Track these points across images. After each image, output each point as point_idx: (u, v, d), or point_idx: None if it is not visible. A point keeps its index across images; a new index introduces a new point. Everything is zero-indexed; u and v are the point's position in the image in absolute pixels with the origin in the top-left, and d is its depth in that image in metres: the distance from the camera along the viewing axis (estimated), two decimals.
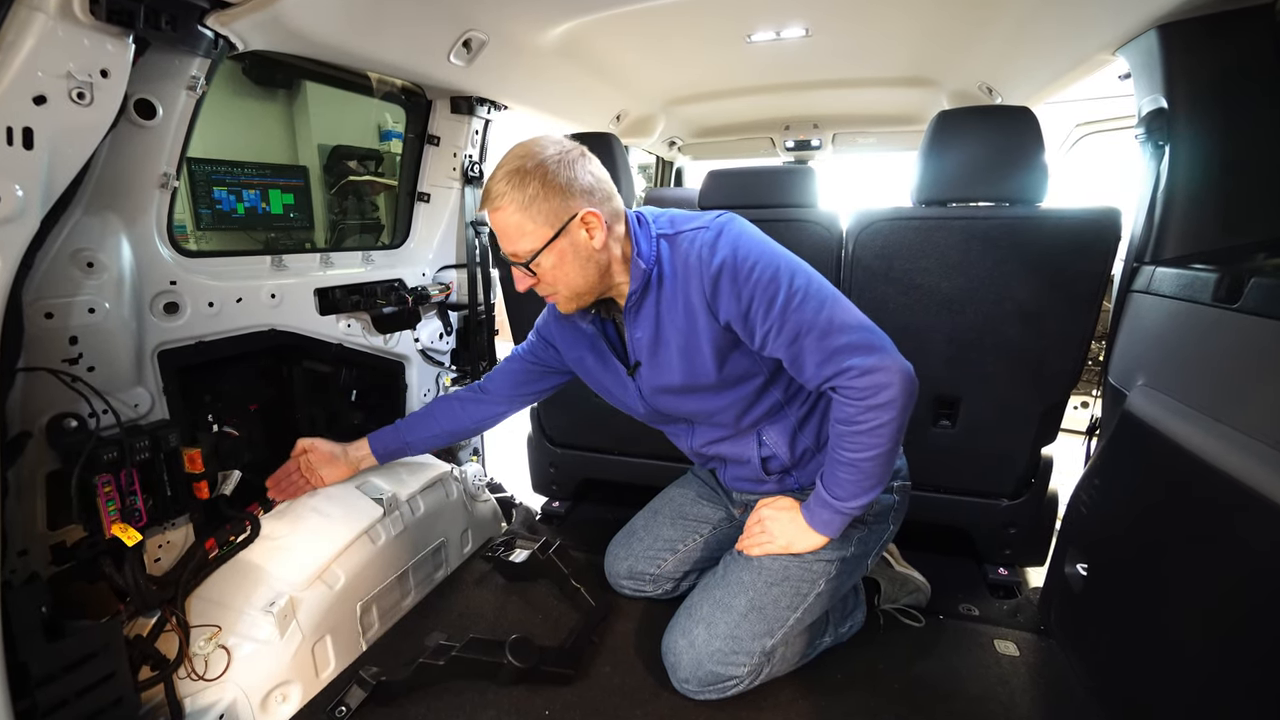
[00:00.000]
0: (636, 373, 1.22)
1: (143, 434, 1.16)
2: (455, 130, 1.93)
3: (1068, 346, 1.36)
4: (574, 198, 1.04)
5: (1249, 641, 0.83)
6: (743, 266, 1.03)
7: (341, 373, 1.86)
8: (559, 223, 1.04)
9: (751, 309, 1.04)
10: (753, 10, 1.54)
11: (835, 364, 1.03)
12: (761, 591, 1.18)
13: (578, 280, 1.09)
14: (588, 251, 1.07)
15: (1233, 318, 0.93)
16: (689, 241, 1.09)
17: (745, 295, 1.04)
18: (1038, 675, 1.28)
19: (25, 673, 0.91)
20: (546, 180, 1.02)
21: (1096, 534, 1.26)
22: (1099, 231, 1.25)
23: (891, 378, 1.02)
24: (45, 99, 0.88)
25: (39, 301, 1.02)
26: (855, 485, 1.10)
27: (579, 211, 1.04)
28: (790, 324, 1.03)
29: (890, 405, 1.02)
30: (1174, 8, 1.11)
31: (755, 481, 1.30)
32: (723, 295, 1.05)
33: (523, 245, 1.05)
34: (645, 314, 1.15)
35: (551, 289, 1.11)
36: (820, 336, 1.03)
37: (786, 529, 1.20)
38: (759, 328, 1.05)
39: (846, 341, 1.02)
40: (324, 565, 1.29)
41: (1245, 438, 0.85)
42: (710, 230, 1.08)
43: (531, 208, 1.02)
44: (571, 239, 1.05)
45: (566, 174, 1.03)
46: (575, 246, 1.06)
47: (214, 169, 1.56)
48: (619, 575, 1.50)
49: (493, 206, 1.04)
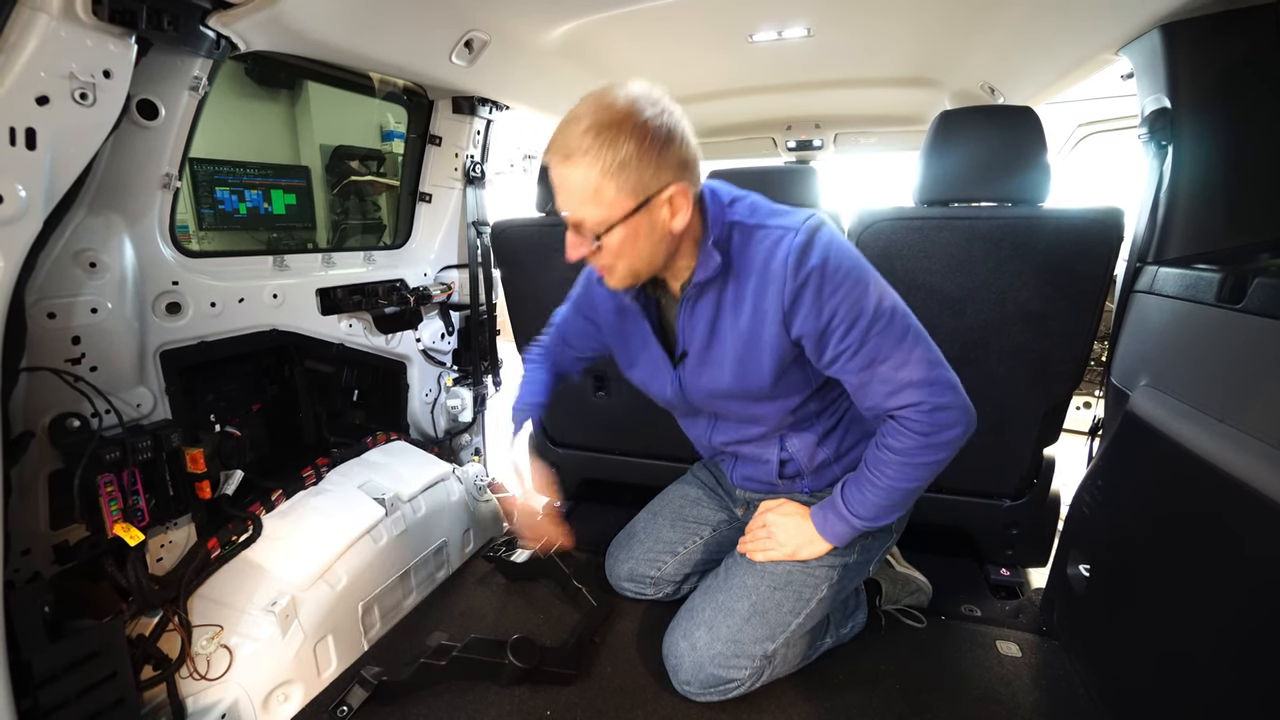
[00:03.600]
0: (681, 364, 1.13)
1: (145, 434, 1.16)
2: (457, 130, 1.93)
3: (1070, 347, 1.35)
4: (666, 170, 0.89)
5: (1251, 642, 0.83)
6: (831, 279, 0.94)
7: (343, 373, 1.87)
8: (644, 196, 0.89)
9: (831, 326, 0.96)
10: (754, 10, 1.54)
11: (906, 397, 0.98)
12: (764, 596, 1.17)
13: (643, 261, 0.96)
14: (664, 231, 0.94)
15: (1236, 318, 0.93)
16: (774, 241, 0.97)
17: (828, 310, 0.95)
18: (1040, 676, 1.28)
19: (28, 672, 0.91)
20: (643, 145, 0.85)
21: (1099, 535, 1.26)
22: (1102, 232, 1.24)
23: (958, 419, 0.99)
24: (48, 99, 0.88)
25: (42, 302, 1.03)
26: (880, 508, 1.09)
27: (669, 187, 0.90)
28: (869, 348, 0.96)
29: (949, 445, 1.01)
30: (1177, 7, 1.11)
31: (766, 483, 1.28)
32: (803, 307, 0.96)
33: (594, 213, 0.90)
34: (704, 305, 1.05)
35: (609, 264, 0.97)
36: (896, 366, 0.97)
37: (793, 536, 1.18)
38: (833, 346, 0.98)
39: (922, 376, 0.97)
40: (326, 565, 1.29)
41: (1248, 438, 0.85)
42: (800, 234, 0.95)
43: (619, 174, 0.86)
44: (651, 216, 0.91)
45: (664, 140, 0.87)
46: (653, 225, 0.92)
47: (216, 169, 1.56)
48: (620, 577, 1.49)
49: (567, 159, 0.87)
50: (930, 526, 1.61)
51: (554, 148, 0.90)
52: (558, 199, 0.94)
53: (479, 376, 2.13)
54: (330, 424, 1.84)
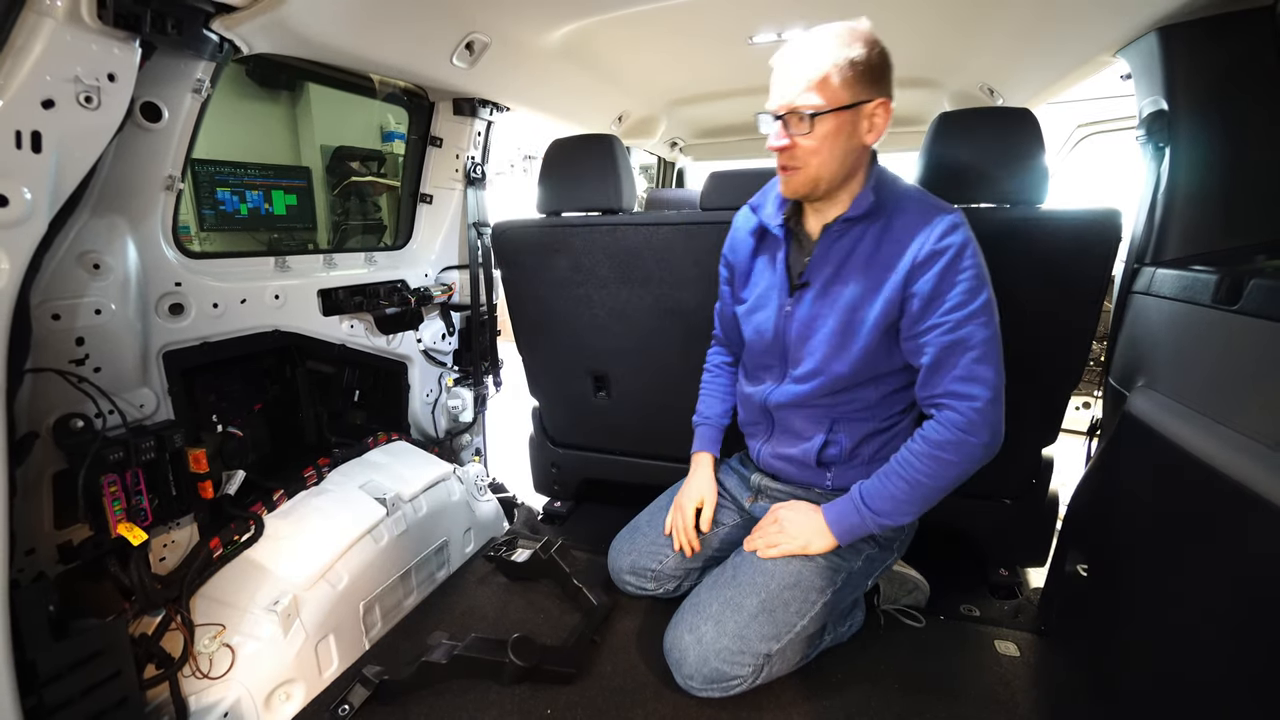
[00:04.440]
0: (798, 293, 1.20)
1: (148, 434, 1.17)
2: (457, 132, 1.93)
3: (1068, 347, 1.36)
4: (882, 86, 1.03)
5: (1249, 642, 0.83)
6: (964, 259, 1.05)
7: (344, 373, 1.87)
8: (858, 97, 1.01)
9: (945, 296, 1.06)
10: (754, 12, 1.54)
11: (970, 388, 1.07)
12: (774, 594, 1.18)
13: (830, 164, 1.07)
14: (859, 142, 1.06)
15: (1233, 319, 0.94)
16: (928, 209, 1.09)
17: (948, 282, 1.05)
18: (1038, 676, 1.28)
19: (32, 670, 0.91)
20: (872, 56, 1.01)
21: (1097, 535, 1.26)
22: (1100, 233, 1.25)
23: (994, 430, 1.08)
24: (53, 103, 0.88)
25: (46, 303, 1.03)
26: (899, 504, 1.13)
27: (879, 99, 1.03)
28: (964, 331, 1.06)
29: (977, 448, 1.08)
30: (1174, 9, 1.11)
31: (797, 464, 1.30)
32: (931, 269, 1.05)
33: (814, 99, 1.01)
34: (843, 243, 1.14)
35: (800, 162, 1.07)
36: (976, 360, 1.06)
37: (805, 529, 1.21)
38: (936, 315, 1.07)
39: (990, 377, 1.07)
40: (327, 565, 1.30)
41: (1245, 439, 0.86)
42: (953, 215, 1.08)
43: (848, 69, 0.99)
44: (856, 121, 1.04)
45: (886, 63, 1.04)
46: (855, 130, 1.04)
47: (217, 170, 1.57)
48: (622, 570, 1.49)
49: (804, 48, 1.01)
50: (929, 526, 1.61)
51: (790, 44, 1.04)
52: (777, 90, 1.05)
53: (480, 377, 2.14)
54: (331, 424, 1.85)
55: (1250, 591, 0.84)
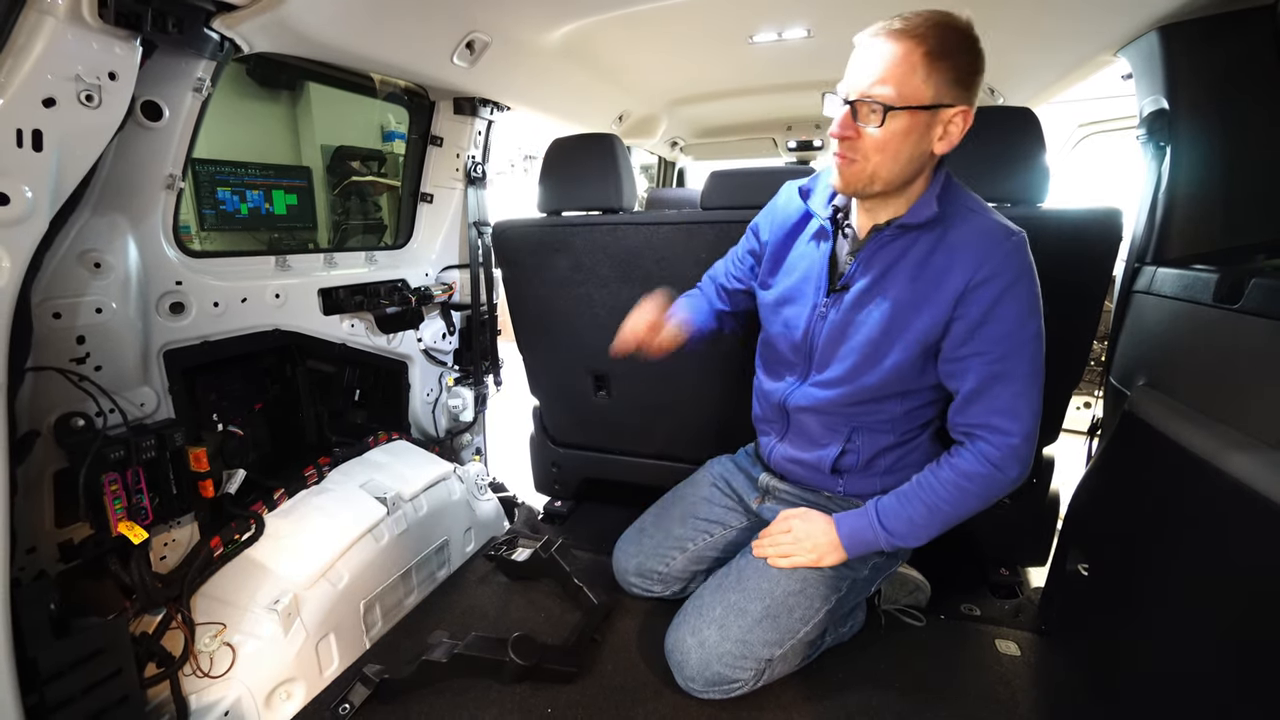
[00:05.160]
0: (836, 295, 1.11)
1: (149, 433, 1.17)
2: (458, 131, 1.93)
3: (1069, 347, 1.35)
4: (968, 91, 0.92)
5: (1249, 642, 0.83)
6: (1021, 286, 0.98)
7: (345, 372, 1.87)
8: (941, 99, 0.90)
9: (987, 325, 1.00)
10: (755, 11, 1.54)
11: (1006, 421, 1.03)
12: (779, 601, 1.17)
13: (892, 164, 0.96)
14: (928, 148, 0.95)
15: (1233, 318, 0.94)
16: (994, 227, 0.99)
17: (1000, 308, 0.98)
18: (1039, 675, 1.28)
19: (34, 668, 0.91)
20: (967, 57, 0.89)
21: (1098, 534, 1.26)
22: (1100, 232, 1.25)
23: (1024, 466, 1.05)
24: (54, 101, 0.89)
25: (47, 301, 1.03)
26: (915, 525, 1.11)
27: (961, 106, 0.91)
28: (1004, 363, 1.01)
29: (1003, 484, 1.06)
30: (1175, 9, 1.11)
31: (809, 468, 1.27)
32: (984, 293, 0.98)
33: (891, 91, 0.89)
34: (891, 250, 1.05)
35: (860, 155, 0.96)
36: (1017, 394, 1.02)
37: (819, 542, 1.18)
38: (978, 342, 1.01)
39: (1027, 414, 1.03)
40: (328, 564, 1.30)
41: (1246, 438, 0.86)
42: (1020, 238, 0.99)
43: (937, 65, 0.88)
44: (932, 124, 0.92)
45: (979, 67, 0.91)
46: (927, 133, 0.93)
47: (217, 169, 1.57)
48: (628, 572, 1.47)
49: (896, 32, 0.88)
50: None
51: (883, 24, 0.91)
52: (854, 73, 0.93)
53: (480, 376, 2.14)
54: (332, 423, 1.85)
55: (1251, 590, 0.84)
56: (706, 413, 1.71)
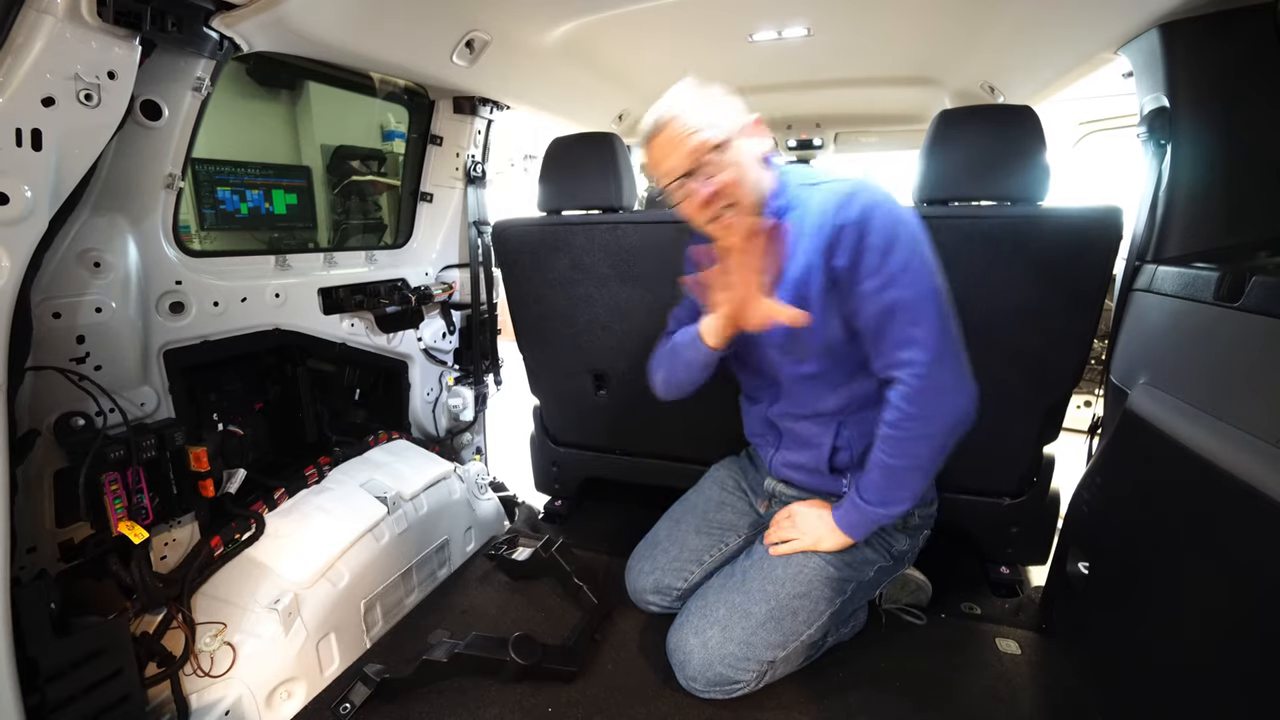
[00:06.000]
0: None
1: (149, 432, 1.17)
2: (458, 130, 1.93)
3: (1069, 345, 1.35)
4: (739, 109, 1.08)
5: (1250, 641, 0.83)
6: (873, 223, 1.02)
7: (345, 372, 1.87)
8: (732, 126, 1.05)
9: (863, 263, 1.03)
10: (754, 10, 1.54)
11: (908, 352, 1.03)
12: (783, 604, 1.18)
13: (752, 189, 1.07)
14: (757, 158, 1.09)
15: (1234, 316, 0.93)
16: (827, 190, 1.07)
17: (863, 247, 1.02)
18: (1039, 674, 1.28)
19: (34, 668, 0.92)
20: (724, 91, 1.08)
21: (1098, 533, 1.26)
22: (1101, 230, 1.24)
23: (946, 392, 1.04)
24: (54, 100, 0.89)
25: (47, 301, 1.03)
26: (884, 491, 1.12)
27: (747, 117, 1.08)
28: (889, 295, 1.02)
29: (933, 419, 1.05)
30: (1175, 7, 1.11)
31: (810, 471, 1.28)
32: (843, 243, 1.03)
33: (710, 135, 1.03)
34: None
35: (731, 196, 1.05)
36: (908, 322, 1.02)
37: (815, 526, 1.21)
38: (861, 284, 1.04)
39: (927, 338, 1.02)
40: (328, 563, 1.30)
41: (1247, 436, 0.86)
42: (847, 184, 1.06)
43: (717, 104, 1.05)
44: (743, 143, 1.06)
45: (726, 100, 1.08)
46: (752, 150, 1.07)
47: (217, 169, 1.57)
48: (644, 591, 1.41)
49: (671, 113, 1.04)
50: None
51: (649, 129, 1.08)
52: (667, 164, 1.07)
53: (480, 376, 2.14)
54: (332, 423, 1.85)
55: (1252, 589, 0.83)
56: (707, 412, 1.71)
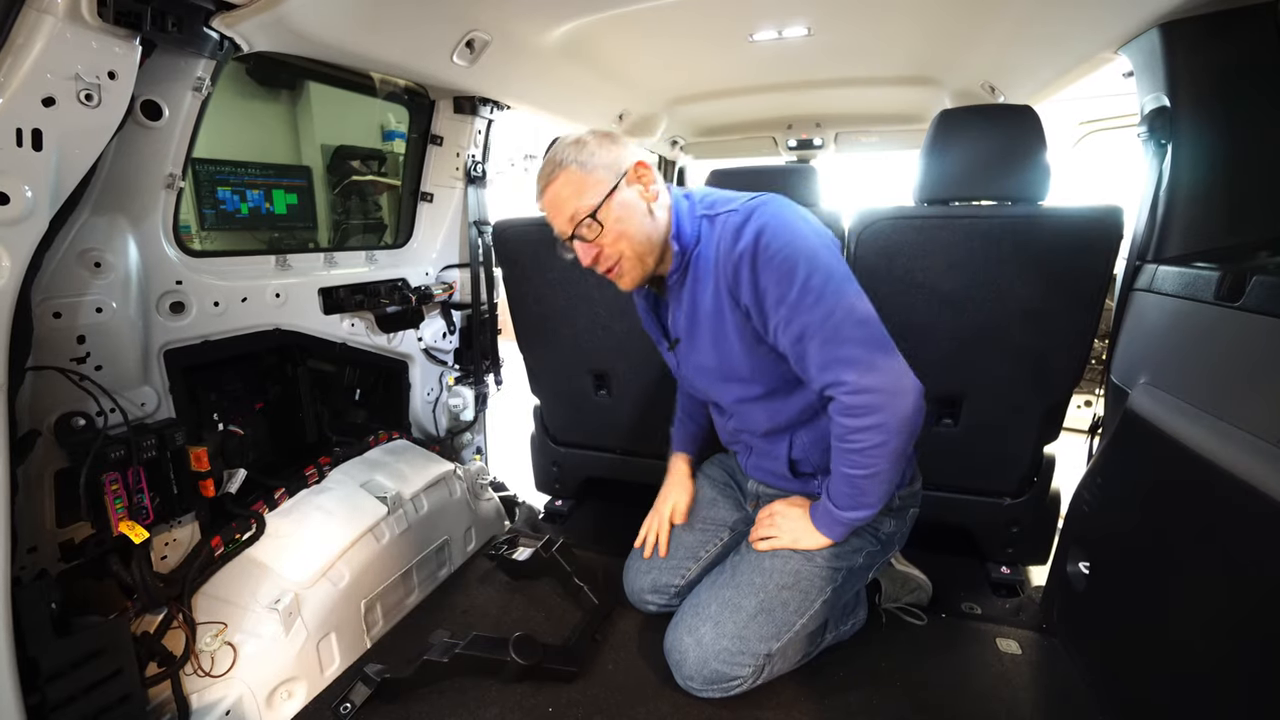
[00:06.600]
0: (676, 348, 1.25)
1: (149, 432, 1.17)
2: (458, 130, 1.93)
3: (1070, 345, 1.35)
4: (624, 151, 1.08)
5: (1251, 640, 0.83)
6: (762, 254, 1.01)
7: (345, 372, 1.87)
8: (615, 177, 1.06)
9: (765, 299, 1.03)
10: (755, 10, 1.54)
11: (833, 373, 1.02)
12: (772, 595, 1.18)
13: (641, 236, 1.08)
14: (645, 206, 1.09)
15: (1235, 316, 0.93)
16: (721, 224, 1.09)
17: (761, 282, 1.02)
18: (1040, 674, 1.28)
19: (35, 668, 0.92)
20: (600, 142, 1.07)
21: (1099, 533, 1.26)
22: (1101, 230, 1.24)
23: (883, 401, 1.00)
24: (54, 100, 0.89)
25: (47, 301, 1.03)
26: (852, 497, 1.12)
27: (630, 160, 1.08)
28: (797, 323, 1.01)
29: (878, 429, 1.01)
30: (1175, 6, 1.11)
31: (779, 477, 1.31)
32: (743, 282, 1.04)
33: (585, 200, 1.05)
34: (685, 294, 1.16)
35: (617, 250, 1.09)
36: (824, 343, 1.01)
37: (795, 526, 1.22)
38: (770, 319, 1.05)
39: (848, 354, 1.00)
40: (329, 563, 1.30)
41: (1247, 436, 0.85)
42: (739, 214, 1.06)
43: (590, 162, 1.05)
44: (630, 192, 1.07)
45: (612, 138, 1.10)
46: (635, 200, 1.08)
47: (218, 169, 1.57)
48: (643, 590, 1.41)
49: (551, 178, 1.07)
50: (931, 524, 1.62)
51: (539, 183, 1.10)
52: (556, 224, 1.10)
53: (480, 375, 2.14)
54: (332, 423, 1.85)
55: (1252, 589, 0.83)
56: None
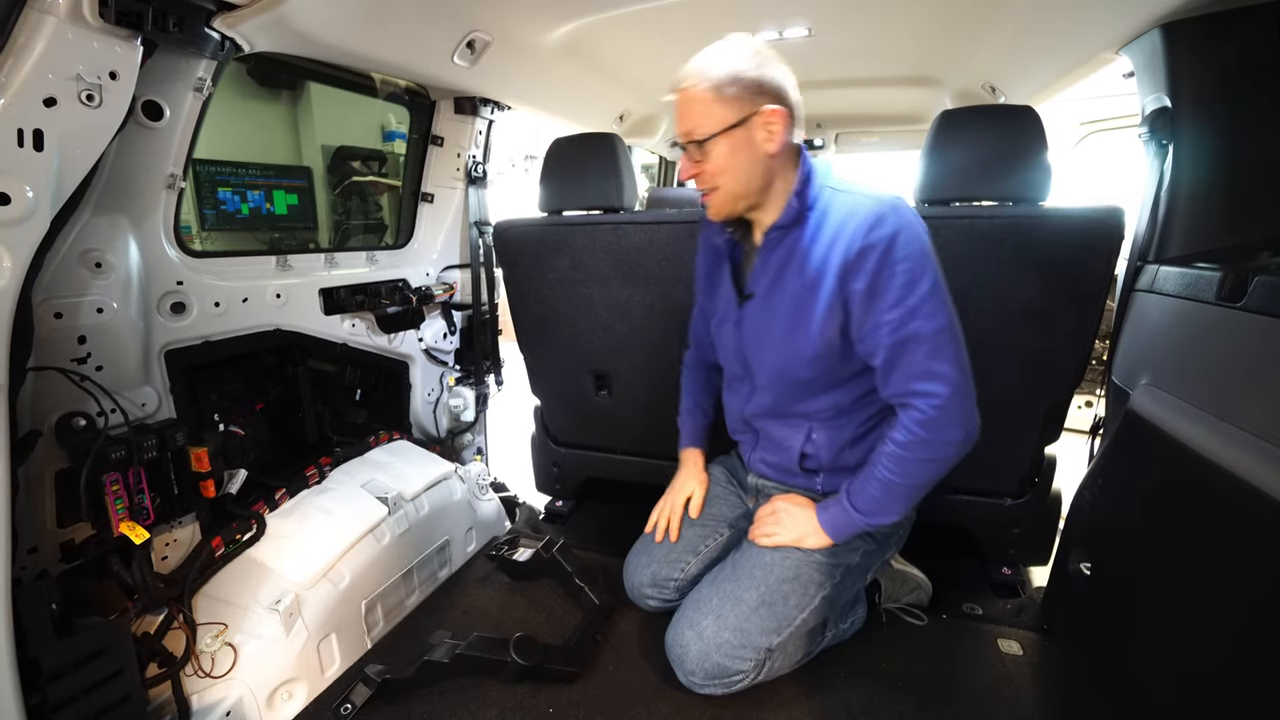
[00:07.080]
0: (745, 304, 1.22)
1: (150, 433, 1.17)
2: (459, 131, 1.93)
3: (1071, 345, 1.35)
4: (763, 95, 1.04)
5: (1252, 641, 0.83)
6: (896, 252, 1.01)
7: (346, 372, 1.87)
8: (744, 113, 1.03)
9: (881, 296, 1.03)
10: (755, 10, 1.54)
11: (925, 383, 1.04)
12: (773, 588, 1.18)
13: (742, 178, 1.08)
14: (761, 153, 1.06)
15: (1236, 316, 0.93)
16: (855, 204, 1.06)
17: (882, 280, 1.02)
18: (1041, 675, 1.28)
19: (36, 668, 0.92)
20: (750, 67, 1.03)
21: (1100, 533, 1.26)
22: (1102, 231, 1.24)
23: (961, 424, 1.05)
24: (55, 101, 0.89)
25: (48, 301, 1.03)
26: (879, 503, 1.14)
27: (763, 107, 1.04)
28: (909, 328, 1.02)
29: (945, 445, 1.06)
30: (1176, 7, 1.11)
31: (783, 470, 1.31)
32: (864, 270, 1.03)
33: (703, 125, 1.04)
34: (780, 251, 1.13)
35: (714, 182, 1.09)
36: (929, 355, 1.03)
37: (799, 524, 1.22)
38: (876, 316, 1.04)
39: (946, 372, 1.04)
40: (329, 564, 1.30)
41: (1249, 436, 0.85)
42: (875, 202, 1.05)
43: (722, 90, 1.02)
44: (750, 133, 1.05)
45: (761, 71, 1.04)
46: (752, 143, 1.05)
47: (219, 170, 1.57)
48: (642, 585, 1.40)
49: (684, 83, 1.05)
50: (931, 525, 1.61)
51: (675, 79, 1.07)
52: (678, 126, 1.09)
53: (481, 376, 2.14)
54: (333, 423, 1.85)
55: (1254, 589, 0.83)
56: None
